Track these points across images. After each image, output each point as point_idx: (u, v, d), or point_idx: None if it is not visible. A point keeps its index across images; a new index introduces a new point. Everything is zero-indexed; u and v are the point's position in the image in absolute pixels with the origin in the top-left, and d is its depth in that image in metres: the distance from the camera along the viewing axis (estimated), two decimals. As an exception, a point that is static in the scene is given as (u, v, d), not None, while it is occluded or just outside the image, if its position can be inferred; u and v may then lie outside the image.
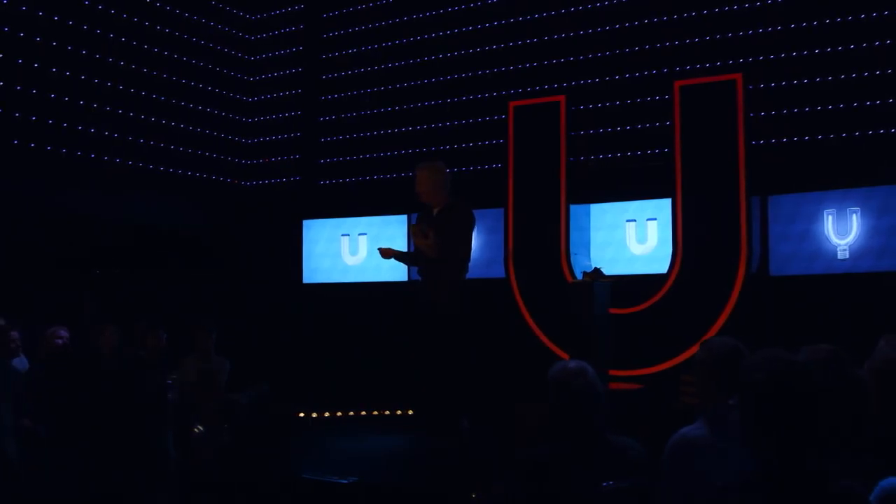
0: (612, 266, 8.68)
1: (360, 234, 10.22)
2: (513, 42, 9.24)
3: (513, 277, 8.68)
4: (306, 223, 10.42)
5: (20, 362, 6.68)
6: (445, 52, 9.70)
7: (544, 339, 8.30)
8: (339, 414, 7.76)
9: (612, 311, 8.12)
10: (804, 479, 2.08)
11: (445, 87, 9.69)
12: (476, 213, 9.42)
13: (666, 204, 7.95)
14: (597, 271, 6.65)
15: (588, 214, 8.87)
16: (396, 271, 9.43)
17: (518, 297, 8.58)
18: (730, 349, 3.08)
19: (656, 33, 8.33)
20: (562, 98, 8.62)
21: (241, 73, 10.81)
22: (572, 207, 8.64)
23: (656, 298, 7.90)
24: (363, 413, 8.04)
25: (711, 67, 7.95)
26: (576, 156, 8.74)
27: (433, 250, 6.61)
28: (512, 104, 8.90)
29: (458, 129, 9.65)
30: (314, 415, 7.77)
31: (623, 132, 8.55)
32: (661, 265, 8.05)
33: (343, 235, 10.29)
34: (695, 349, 7.66)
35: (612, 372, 7.57)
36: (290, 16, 10.86)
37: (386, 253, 7.09)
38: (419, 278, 7.00)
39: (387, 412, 8.25)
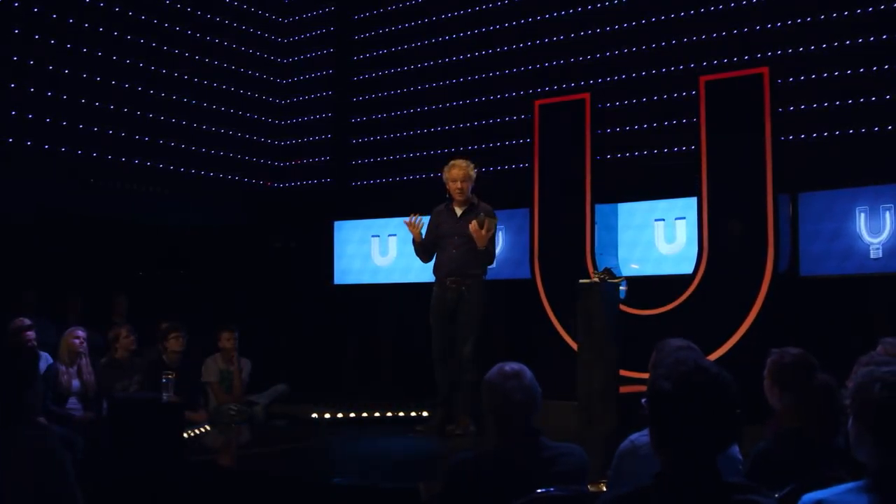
0: (641, 266, 8.55)
1: (389, 235, 10.20)
2: (539, 41, 9.13)
3: (538, 278, 8.57)
4: (337, 224, 10.44)
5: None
6: (472, 52, 9.63)
7: (570, 340, 8.17)
8: (364, 415, 7.72)
9: (636, 311, 7.99)
10: (702, 487, 1.99)
11: (472, 86, 9.62)
12: (504, 213, 9.43)
13: (695, 202, 7.76)
14: (607, 271, 6.50)
15: (615, 214, 8.71)
16: (425, 272, 9.35)
17: (543, 299, 8.46)
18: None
19: (681, 28, 8.14)
20: (586, 95, 8.48)
21: (272, 75, 10.88)
22: (599, 207, 8.49)
23: (681, 300, 7.71)
24: (389, 414, 8.00)
25: (738, 62, 7.72)
26: (602, 154, 8.59)
27: (484, 241, 6.67)
28: (537, 103, 8.79)
29: (485, 129, 9.57)
30: (339, 415, 7.74)
31: (650, 129, 8.37)
32: (689, 265, 7.85)
33: (373, 236, 10.29)
34: (721, 351, 7.53)
35: (635, 374, 7.42)
36: (321, 18, 10.91)
37: (416, 227, 6.98)
38: (439, 274, 6.87)
39: (413, 413, 8.20)
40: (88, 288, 9.25)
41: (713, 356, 7.44)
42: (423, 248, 7.09)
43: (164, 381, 5.52)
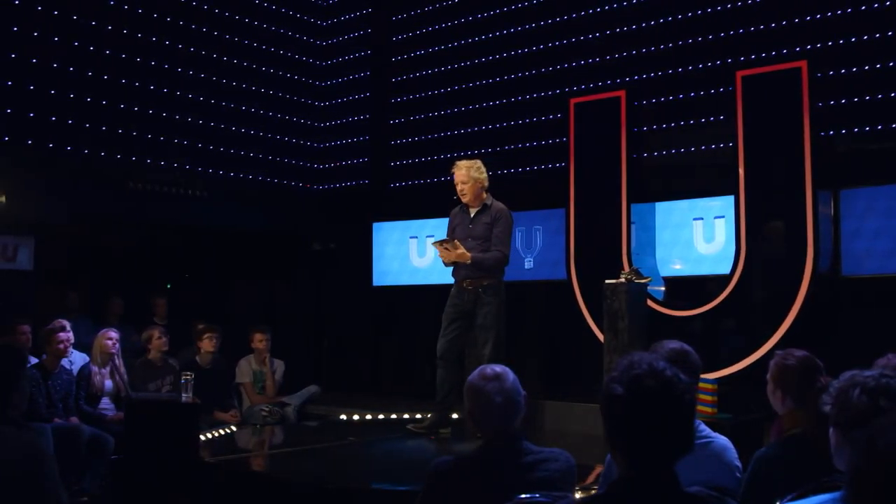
0: (678, 266, 8.38)
1: (427, 237, 10.16)
2: (574, 38, 9.00)
3: (574, 279, 8.45)
4: (376, 226, 10.45)
5: (67, 361, 6.95)
6: (508, 51, 9.55)
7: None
8: (393, 416, 7.69)
9: (672, 313, 7.82)
10: (659, 496, 1.90)
11: (509, 86, 9.54)
12: (540, 213, 9.33)
13: (733, 201, 7.57)
14: (634, 271, 6.37)
15: (653, 213, 8.55)
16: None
17: (580, 300, 8.34)
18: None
19: (717, 23, 7.94)
20: (622, 93, 8.34)
21: (310, 78, 10.94)
22: (636, 206, 8.35)
23: (717, 301, 7.52)
24: (418, 416, 7.95)
25: (777, 55, 7.51)
26: (638, 152, 8.44)
27: (468, 258, 6.46)
28: (572, 101, 8.67)
29: (522, 128, 9.47)
30: (368, 417, 7.73)
31: (687, 126, 8.19)
32: (728, 265, 7.66)
33: (411, 238, 10.27)
34: (759, 354, 7.32)
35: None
36: (358, 20, 10.93)
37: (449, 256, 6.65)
38: (457, 276, 6.80)
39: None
40: (130, 290, 9.39)
41: (750, 359, 7.26)
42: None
43: (182, 381, 5.56)
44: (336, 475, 4.76)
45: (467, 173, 6.60)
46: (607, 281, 6.50)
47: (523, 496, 2.51)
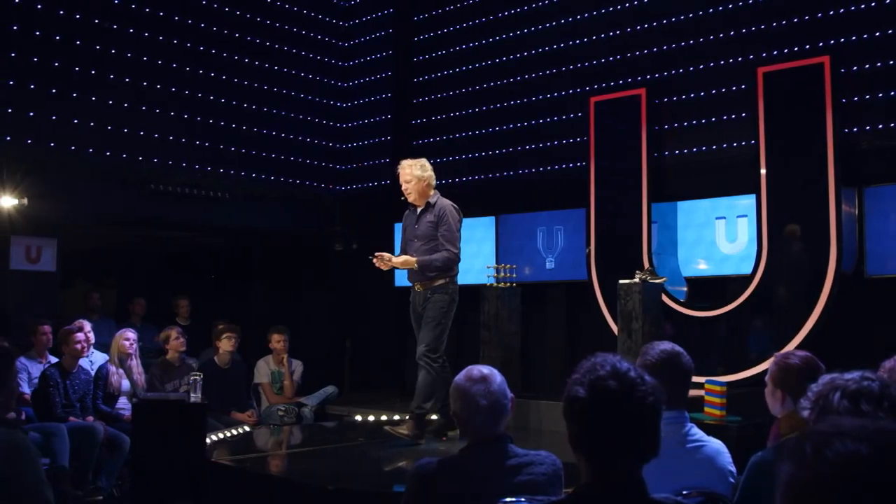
0: (700, 266, 8.26)
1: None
2: (595, 36, 8.91)
3: (595, 280, 8.37)
4: (398, 226, 10.40)
5: (88, 361, 7.02)
6: (529, 50, 9.47)
7: (626, 343, 7.95)
8: (407, 417, 7.64)
9: (693, 313, 7.71)
10: (622, 501, 1.84)
11: (530, 85, 9.46)
12: (561, 213, 9.23)
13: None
14: (649, 271, 6.28)
15: (675, 212, 8.44)
16: (482, 274, 9.26)
17: (601, 301, 8.25)
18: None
19: (738, 19, 7.81)
20: (642, 91, 8.25)
21: (333, 79, 10.95)
22: (657, 205, 8.25)
23: (739, 301, 7.41)
24: (434, 417, 7.90)
25: (799, 51, 7.36)
26: (659, 151, 8.33)
27: (413, 263, 6.07)
28: (592, 99, 8.60)
29: (543, 127, 9.40)
30: (383, 417, 7.69)
31: (708, 124, 8.06)
32: (751, 265, 7.54)
33: (433, 238, 10.23)
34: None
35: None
36: (380, 21, 10.92)
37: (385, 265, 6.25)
38: (409, 278, 6.45)
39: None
40: (154, 291, 9.47)
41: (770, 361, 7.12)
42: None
43: (190, 381, 5.58)
44: (335, 476, 4.74)
45: (410, 172, 6.22)
46: (621, 281, 6.42)
47: (507, 500, 2.46)
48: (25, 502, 2.75)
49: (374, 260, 6.15)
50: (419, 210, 6.32)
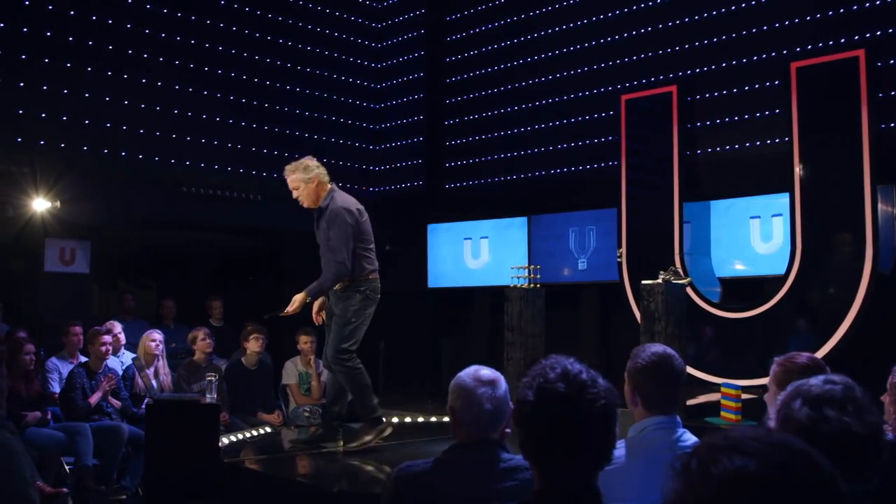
0: (735, 266, 8.08)
1: (481, 238, 10.07)
2: (626, 34, 8.77)
3: (626, 281, 8.24)
4: (430, 227, 10.39)
5: (119, 362, 7.10)
6: (560, 48, 9.37)
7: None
8: (433, 420, 7.61)
9: (725, 314, 7.55)
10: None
11: (561, 84, 9.36)
12: (591, 213, 9.08)
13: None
14: (673, 271, 6.14)
15: (708, 211, 8.27)
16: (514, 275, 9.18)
17: (632, 302, 8.11)
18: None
19: (770, 13, 7.62)
20: (673, 88, 8.10)
21: (365, 80, 10.94)
22: (689, 205, 8.09)
23: (773, 302, 7.22)
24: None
25: (833, 45, 7.16)
26: (692, 149, 8.17)
27: (305, 298, 5.52)
28: (623, 97, 8.47)
29: (574, 127, 9.29)
30: (407, 419, 7.66)
31: (741, 121, 7.88)
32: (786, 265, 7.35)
33: (465, 239, 10.19)
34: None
35: (715, 378, 7.02)
36: (413, 22, 10.88)
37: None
38: None
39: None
40: (187, 292, 9.54)
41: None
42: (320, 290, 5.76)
43: (206, 381, 5.59)
44: (343, 478, 4.71)
45: (295, 178, 5.66)
46: (644, 282, 6.29)
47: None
48: (10, 500, 2.75)
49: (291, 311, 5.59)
50: (315, 215, 5.76)
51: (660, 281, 6.07)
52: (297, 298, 5.54)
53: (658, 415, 2.75)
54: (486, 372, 2.75)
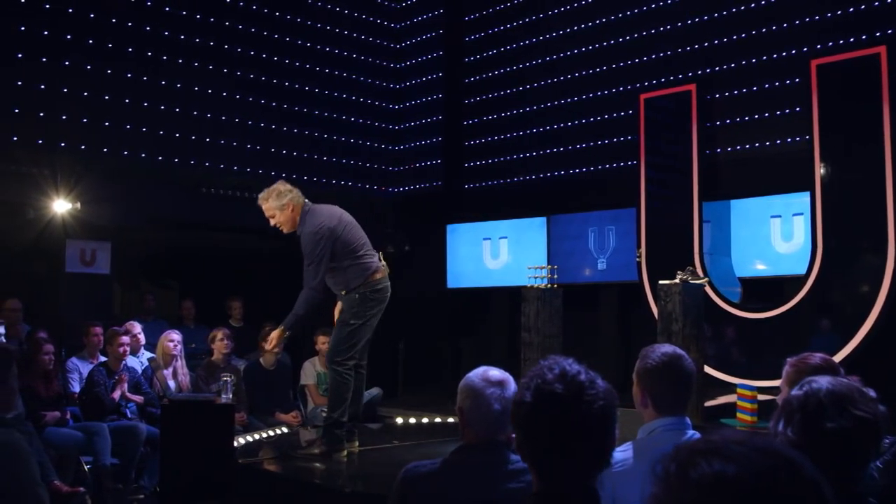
0: (756, 266, 8.01)
1: (500, 238, 10.04)
2: (644, 32, 8.72)
3: (645, 281, 8.18)
4: (450, 228, 10.38)
5: (139, 362, 7.14)
6: (578, 48, 9.33)
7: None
8: (450, 420, 7.59)
9: (744, 314, 7.48)
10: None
11: (580, 83, 9.32)
12: (610, 213, 9.03)
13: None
14: (691, 271, 6.08)
15: (728, 211, 8.20)
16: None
17: (651, 303, 8.05)
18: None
19: (790, 11, 7.54)
20: (692, 87, 8.04)
21: (385, 81, 10.95)
22: (709, 204, 8.03)
23: (793, 303, 7.14)
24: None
25: (854, 42, 7.07)
26: (711, 148, 8.11)
27: (283, 333, 5.43)
28: (642, 96, 8.42)
29: (593, 126, 9.25)
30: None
31: (762, 120, 7.81)
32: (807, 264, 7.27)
33: (484, 239, 10.17)
34: (836, 358, 6.91)
35: (735, 379, 6.95)
36: (432, 22, 10.88)
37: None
38: None
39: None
40: (208, 292, 9.58)
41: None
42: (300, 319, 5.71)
43: (221, 382, 5.61)
44: (358, 479, 4.71)
45: (269, 207, 5.56)
46: (661, 282, 6.24)
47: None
48: (19, 501, 2.77)
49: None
50: (298, 238, 5.62)
51: (677, 281, 6.02)
52: (275, 335, 5.42)
53: (667, 416, 2.71)
54: (494, 372, 2.73)
